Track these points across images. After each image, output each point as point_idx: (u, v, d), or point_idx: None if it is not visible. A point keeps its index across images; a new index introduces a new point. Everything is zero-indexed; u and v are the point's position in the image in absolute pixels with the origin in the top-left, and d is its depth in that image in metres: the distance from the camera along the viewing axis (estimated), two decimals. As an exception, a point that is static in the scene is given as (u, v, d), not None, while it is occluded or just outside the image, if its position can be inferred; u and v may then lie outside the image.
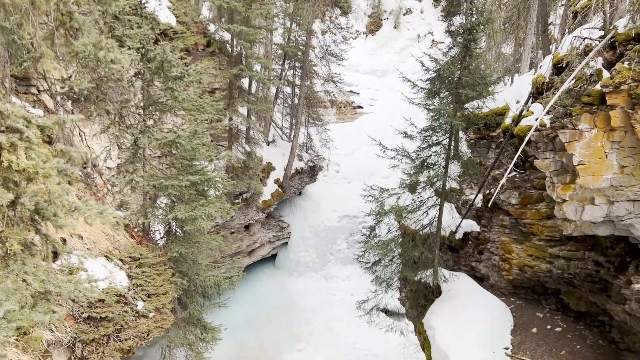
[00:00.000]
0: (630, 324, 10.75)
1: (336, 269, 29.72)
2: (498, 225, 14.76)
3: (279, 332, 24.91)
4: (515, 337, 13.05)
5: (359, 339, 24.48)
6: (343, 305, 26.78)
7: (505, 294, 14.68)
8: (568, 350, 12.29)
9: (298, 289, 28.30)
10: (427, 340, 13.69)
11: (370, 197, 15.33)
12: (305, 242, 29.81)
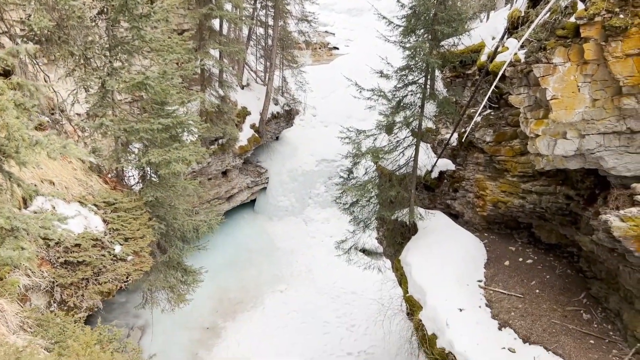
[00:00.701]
0: (597, 253, 11.18)
1: (315, 212, 30.08)
2: (473, 163, 14.95)
3: (260, 274, 25.43)
4: (489, 270, 13.52)
5: (338, 279, 25.16)
6: (322, 247, 27.32)
7: (479, 229, 15.08)
8: (538, 281, 12.82)
9: (278, 232, 28.68)
10: (403, 276, 14.08)
11: (347, 139, 15.28)
12: (284, 186, 29.95)
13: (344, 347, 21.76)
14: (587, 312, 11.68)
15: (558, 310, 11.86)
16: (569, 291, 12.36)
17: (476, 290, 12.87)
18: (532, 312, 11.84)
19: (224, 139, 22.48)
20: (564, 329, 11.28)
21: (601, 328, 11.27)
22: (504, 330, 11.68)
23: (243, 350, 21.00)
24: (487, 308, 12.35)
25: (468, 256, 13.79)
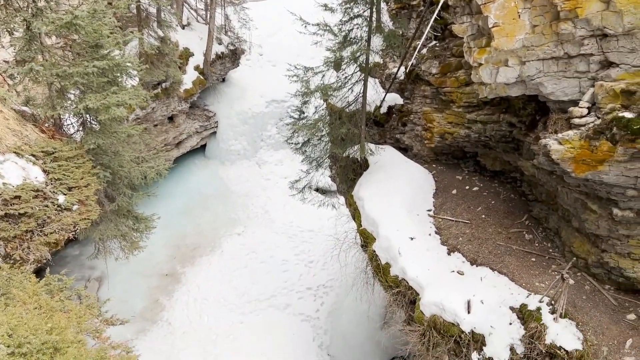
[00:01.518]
0: (538, 177, 11.71)
1: (268, 155, 29.93)
2: (420, 96, 15.08)
3: (216, 219, 25.42)
4: (437, 200, 13.98)
5: (294, 218, 25.49)
6: (277, 188, 27.41)
7: (427, 161, 15.44)
8: (484, 206, 13.39)
9: (231, 176, 28.49)
10: (357, 210, 14.39)
11: (295, 77, 14.98)
12: (234, 130, 29.47)
13: (304, 283, 22.40)
14: (529, 233, 12.36)
15: (502, 232, 12.50)
16: (512, 214, 12.99)
17: (426, 219, 13.34)
18: (478, 236, 12.44)
19: (167, 82, 21.65)
20: (508, 249, 11.94)
21: (542, 246, 12.00)
22: (452, 255, 12.25)
23: (204, 293, 21.28)
24: (437, 235, 12.87)
25: (417, 187, 14.17)
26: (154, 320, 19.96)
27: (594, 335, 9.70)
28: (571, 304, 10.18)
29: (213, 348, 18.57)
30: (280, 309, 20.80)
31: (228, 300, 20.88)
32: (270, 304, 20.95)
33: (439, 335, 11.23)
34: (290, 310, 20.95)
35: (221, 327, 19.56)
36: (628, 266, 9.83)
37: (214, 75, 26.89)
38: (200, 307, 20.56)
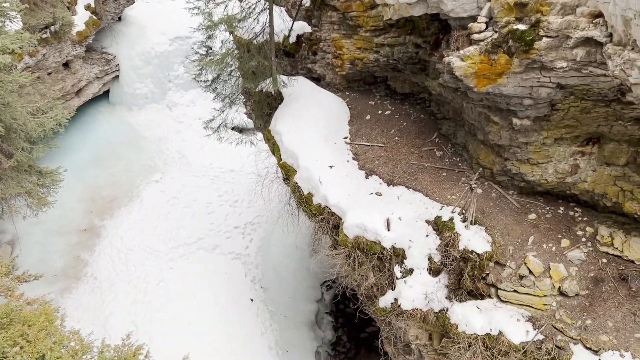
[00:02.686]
0: (444, 95, 12.17)
1: (178, 96, 28.71)
2: (328, 23, 14.85)
3: (131, 167, 24.44)
4: (352, 127, 14.22)
5: (214, 159, 25.05)
6: (192, 130, 26.62)
7: (340, 89, 15.50)
8: (396, 129, 13.81)
9: (141, 122, 27.20)
10: (275, 145, 14.35)
11: (196, 10, 14.16)
12: (138, 72, 27.79)
13: (230, 222, 22.44)
14: (440, 150, 12.99)
15: (415, 152, 13.04)
16: (423, 134, 13.53)
17: (343, 146, 13.59)
18: (393, 158, 12.91)
19: (56, 25, 19.76)
20: (421, 167, 12.53)
21: (451, 161, 12.69)
22: (370, 178, 12.69)
23: (128, 244, 20.78)
24: (354, 161, 13.21)
25: (333, 116, 14.29)
26: (77, 277, 19.37)
27: (501, 237, 10.61)
28: (480, 211, 10.99)
29: (144, 296, 18.45)
30: (209, 250, 20.84)
31: (154, 248, 20.57)
32: (199, 247, 20.92)
33: (363, 255, 11.82)
34: (220, 250, 21.06)
35: (150, 275, 19.38)
36: (528, 171, 10.68)
37: (108, 14, 24.85)
38: (125, 258, 20.14)
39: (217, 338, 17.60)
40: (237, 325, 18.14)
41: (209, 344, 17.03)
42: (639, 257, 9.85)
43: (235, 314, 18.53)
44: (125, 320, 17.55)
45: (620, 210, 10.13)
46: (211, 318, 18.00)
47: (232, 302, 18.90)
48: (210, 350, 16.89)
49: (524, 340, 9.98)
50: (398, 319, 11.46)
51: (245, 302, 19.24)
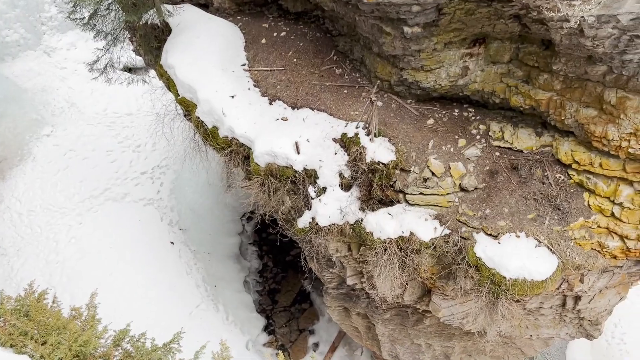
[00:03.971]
0: (337, 10, 11.99)
1: (55, 40, 26.10)
2: (208, -58, 13.89)
3: (16, 124, 22.38)
4: (249, 52, 13.76)
5: (107, 105, 23.56)
6: (78, 76, 24.60)
7: (231, 14, 14.79)
8: (294, 50, 13.56)
9: (18, 72, 24.61)
10: (170, 80, 13.63)
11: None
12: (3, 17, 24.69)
13: (137, 169, 21.59)
14: (339, 67, 13.00)
15: (315, 72, 12.97)
16: (321, 53, 13.41)
17: (242, 74, 13.20)
18: (294, 81, 12.78)
19: None
20: (323, 87, 12.54)
21: (351, 78, 12.79)
22: (274, 104, 12.54)
23: (28, 205, 19.49)
24: (256, 88, 12.93)
25: (227, 43, 13.70)
26: (-23, 249, 18.03)
27: (403, 145, 11.07)
28: (382, 123, 11.34)
29: (56, 256, 17.64)
30: (119, 200, 20.08)
31: (59, 205, 19.46)
32: (107, 198, 20.06)
33: (276, 181, 11.92)
34: (130, 198, 20.37)
35: (59, 234, 18.47)
36: (423, 78, 11.03)
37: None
38: (28, 220, 18.95)
39: (142, 286, 17.43)
40: (161, 269, 18.01)
41: (134, 292, 16.85)
42: (526, 147, 10.75)
43: (156, 259, 18.33)
44: (41, 283, 16.73)
45: (508, 105, 10.86)
46: (132, 267, 17.70)
47: (152, 248, 18.61)
48: (137, 298, 16.74)
49: (433, 236, 10.79)
50: (317, 236, 11.88)
51: (166, 246, 19.04)
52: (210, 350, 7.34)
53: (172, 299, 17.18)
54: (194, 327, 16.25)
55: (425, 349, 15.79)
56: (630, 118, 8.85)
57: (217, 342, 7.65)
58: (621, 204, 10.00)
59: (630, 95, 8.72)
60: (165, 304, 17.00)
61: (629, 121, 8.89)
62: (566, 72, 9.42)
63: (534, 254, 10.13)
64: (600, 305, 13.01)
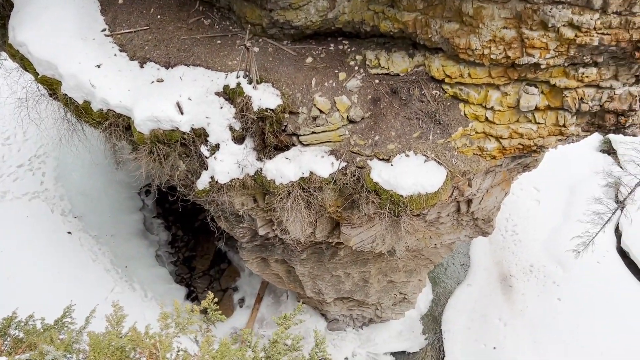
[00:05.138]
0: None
1: None
2: None
3: None
4: (107, 16, 12.73)
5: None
6: None
7: (78, -24, 13.50)
8: (156, 7, 12.73)
9: None
10: (24, 59, 12.36)
11: None
12: None
13: (11, 163, 19.85)
14: (207, 18, 12.46)
15: (183, 27, 12.34)
16: (185, 5, 12.71)
17: (104, 40, 12.26)
18: (162, 39, 12.10)
19: None
20: (194, 41, 12.00)
21: (222, 27, 12.34)
22: (146, 67, 11.86)
23: None
24: (123, 53, 12.10)
25: (80, 10, 12.56)
26: None
27: (287, 88, 11.06)
28: (262, 69, 11.19)
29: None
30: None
31: None
32: (-17, 200, 18.24)
33: (165, 146, 11.48)
34: (12, 196, 18.74)
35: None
36: (293, 17, 10.93)
37: None
38: None
39: (46, 283, 16.37)
40: (64, 262, 17.01)
41: (39, 292, 15.79)
42: (402, 69, 11.19)
43: (57, 252, 17.24)
44: None
45: (379, 32, 11.12)
46: (31, 267, 16.51)
47: (49, 243, 17.43)
48: (43, 297, 15.71)
49: (331, 172, 11.11)
50: (220, 195, 11.75)
51: (64, 237, 17.92)
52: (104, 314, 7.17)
53: (83, 289, 16.33)
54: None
55: (344, 279, 16.60)
56: (488, 26, 9.46)
57: (140, 320, 7.45)
58: (492, 107, 10.85)
59: (485, 4, 9.28)
60: (77, 295, 16.03)
61: (487, 29, 9.50)
62: (426, -9, 9.79)
63: (424, 169, 10.81)
64: (490, 204, 14.32)
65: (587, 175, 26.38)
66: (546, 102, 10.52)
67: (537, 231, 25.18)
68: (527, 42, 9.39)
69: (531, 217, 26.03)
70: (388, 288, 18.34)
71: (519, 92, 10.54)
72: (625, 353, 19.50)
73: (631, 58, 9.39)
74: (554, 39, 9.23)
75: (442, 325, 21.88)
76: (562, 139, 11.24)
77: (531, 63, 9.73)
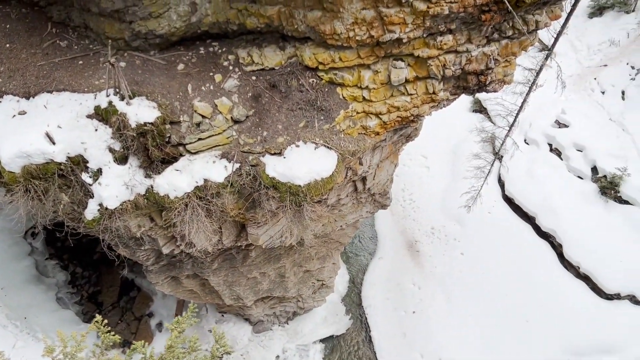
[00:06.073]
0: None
1: None
2: None
3: None
4: (-54, 52, 11.50)
5: None
6: None
7: None
8: (2, 34, 11.74)
9: None
10: None
11: None
12: None
13: None
14: (63, 39, 11.70)
15: (38, 52, 11.49)
16: (36, 29, 11.85)
17: (-53, 79, 11.06)
18: (16, 68, 11.18)
19: None
20: (53, 65, 11.23)
21: (81, 46, 11.67)
22: (3, 101, 10.91)
23: None
24: (-28, 90, 11.01)
25: None
26: None
27: (164, 98, 10.72)
28: (133, 83, 10.74)
29: None
30: None
31: None
32: None
33: (42, 181, 10.65)
34: None
35: None
36: (155, 26, 10.60)
37: None
38: None
39: None
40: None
41: None
42: (276, 62, 11.30)
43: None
44: None
45: (247, 29, 11.14)
46: None
47: None
48: None
49: (226, 175, 10.98)
50: (113, 221, 11.16)
51: (-56, 304, 16.00)
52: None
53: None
54: (19, 369, 14.34)
55: (261, 279, 16.57)
56: (348, 9, 9.84)
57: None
58: (367, 87, 11.34)
59: (341, -10, 9.64)
60: (-28, 364, 14.55)
61: (348, 12, 9.88)
62: (283, -17, 9.96)
63: (316, 156, 11.06)
64: (383, 178, 15.01)
65: (464, 135, 28.50)
66: (414, 74, 11.20)
67: (432, 195, 26.84)
68: (386, 20, 9.91)
69: (424, 183, 27.67)
70: (305, 278, 18.59)
71: (388, 68, 11.11)
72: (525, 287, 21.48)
73: (479, 21, 10.27)
74: (409, 13, 9.83)
75: (363, 301, 22.65)
76: (434, 106, 12.05)
77: (394, 39, 10.29)
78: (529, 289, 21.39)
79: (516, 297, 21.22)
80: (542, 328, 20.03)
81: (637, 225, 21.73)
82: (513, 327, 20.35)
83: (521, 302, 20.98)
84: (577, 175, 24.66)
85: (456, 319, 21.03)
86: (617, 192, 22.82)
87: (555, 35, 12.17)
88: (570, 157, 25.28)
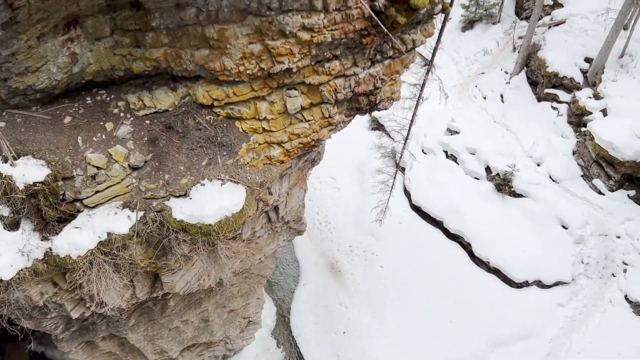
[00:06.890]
0: None
1: None
2: None
3: None
4: None
5: None
6: None
7: None
8: None
9: None
10: None
11: None
12: None
13: None
14: None
15: None
16: None
17: None
18: None
19: None
20: None
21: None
22: None
23: None
24: None
25: None
26: None
27: (52, 154, 10.14)
28: (17, 143, 10.06)
29: None
30: None
31: None
32: None
33: None
34: None
35: None
36: (34, 80, 10.03)
37: None
38: None
39: None
40: None
41: None
42: (169, 104, 11.12)
43: None
44: None
45: (134, 74, 10.90)
46: None
47: None
48: None
49: (130, 225, 10.53)
50: (10, 292, 10.25)
51: None
52: None
53: None
54: None
55: (184, 327, 15.92)
56: (235, 45, 9.97)
57: None
58: (265, 118, 11.49)
59: (225, 26, 9.75)
60: None
61: (235, 48, 10.01)
62: (166, 25, 9.89)
63: (223, 192, 10.95)
64: (295, 204, 15.15)
65: (367, 153, 29.59)
66: (309, 100, 11.54)
67: (345, 214, 27.44)
68: (274, 52, 10.15)
69: (337, 203, 28.25)
70: (231, 318, 18.12)
71: (283, 97, 11.35)
72: (443, 288, 22.45)
73: (361, 45, 10.84)
74: (295, 43, 10.15)
75: (293, 330, 22.46)
76: (332, 129, 12.45)
77: (284, 69, 10.55)
78: (447, 290, 22.38)
79: (437, 299, 22.10)
80: (465, 324, 20.98)
81: (530, 215, 23.63)
82: (439, 328, 21.13)
83: (442, 304, 21.88)
84: (473, 177, 26.43)
85: (384, 332, 21.45)
86: (511, 187, 24.75)
87: (432, 50, 13.14)
88: (465, 160, 27.07)
